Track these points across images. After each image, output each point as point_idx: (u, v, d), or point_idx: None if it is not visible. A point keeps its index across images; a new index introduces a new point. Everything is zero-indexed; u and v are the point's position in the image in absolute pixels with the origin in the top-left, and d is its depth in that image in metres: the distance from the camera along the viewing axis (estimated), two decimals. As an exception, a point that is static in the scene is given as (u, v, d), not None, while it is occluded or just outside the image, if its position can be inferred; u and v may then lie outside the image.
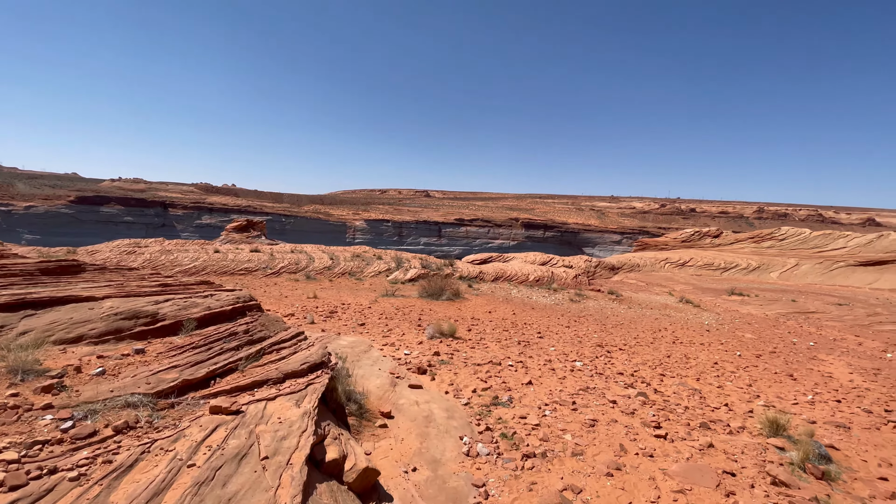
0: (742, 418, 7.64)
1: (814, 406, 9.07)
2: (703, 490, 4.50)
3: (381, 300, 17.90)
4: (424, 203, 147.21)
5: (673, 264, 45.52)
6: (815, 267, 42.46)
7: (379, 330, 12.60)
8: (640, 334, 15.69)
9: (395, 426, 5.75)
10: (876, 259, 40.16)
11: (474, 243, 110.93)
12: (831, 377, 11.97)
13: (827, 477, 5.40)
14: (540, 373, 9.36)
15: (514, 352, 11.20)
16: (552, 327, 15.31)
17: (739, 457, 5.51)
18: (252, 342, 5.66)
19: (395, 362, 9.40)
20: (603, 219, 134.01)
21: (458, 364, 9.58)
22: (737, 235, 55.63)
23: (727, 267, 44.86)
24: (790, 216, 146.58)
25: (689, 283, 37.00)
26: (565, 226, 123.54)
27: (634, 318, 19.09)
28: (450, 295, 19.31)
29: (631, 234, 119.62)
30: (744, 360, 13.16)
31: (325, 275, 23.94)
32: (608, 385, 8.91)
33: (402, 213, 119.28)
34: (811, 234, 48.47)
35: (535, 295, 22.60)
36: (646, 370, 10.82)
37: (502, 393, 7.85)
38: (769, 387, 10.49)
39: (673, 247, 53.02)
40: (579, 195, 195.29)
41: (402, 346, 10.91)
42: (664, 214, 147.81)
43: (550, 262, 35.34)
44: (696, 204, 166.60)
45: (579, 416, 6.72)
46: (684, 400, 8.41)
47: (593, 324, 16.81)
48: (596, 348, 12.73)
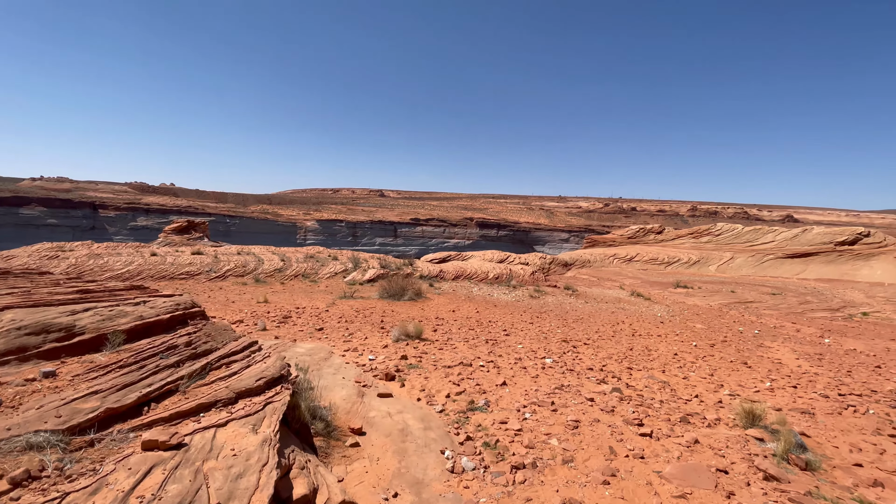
0: (715, 409, 7.69)
1: (774, 393, 9.39)
2: (703, 493, 4.27)
3: (339, 302, 16.96)
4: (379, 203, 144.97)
5: (621, 260, 47.45)
6: (749, 260, 45.82)
7: (339, 334, 11.79)
8: (600, 328, 15.88)
9: (369, 444, 5.12)
10: (801, 251, 43.97)
11: (430, 243, 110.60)
12: (781, 363, 12.60)
13: (809, 467, 5.40)
14: (512, 372, 9.02)
15: (484, 351, 10.82)
16: (517, 324, 15.13)
17: (726, 452, 5.41)
18: (196, 356, 4.82)
19: (359, 369, 8.70)
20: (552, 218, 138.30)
21: (428, 367, 9.04)
22: (677, 232, 59.00)
23: (670, 261, 47.39)
24: (720, 214, 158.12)
25: (636, 278, 38.63)
26: (517, 225, 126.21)
27: (592, 312, 19.41)
28: (412, 295, 18.68)
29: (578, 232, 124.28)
30: (700, 350, 13.60)
31: (276, 277, 22.49)
32: (581, 382, 8.72)
33: (357, 213, 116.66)
34: (743, 230, 52.29)
35: (496, 292, 22.48)
36: (613, 364, 10.81)
37: (477, 396, 7.41)
38: (729, 375, 10.81)
39: (620, 243, 55.34)
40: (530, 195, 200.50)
41: (365, 350, 10.21)
42: (608, 213, 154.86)
43: (507, 259, 35.57)
44: (637, 203, 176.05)
45: (560, 418, 6.40)
46: (657, 393, 8.37)
47: (555, 319, 16.84)
48: (562, 344, 12.64)
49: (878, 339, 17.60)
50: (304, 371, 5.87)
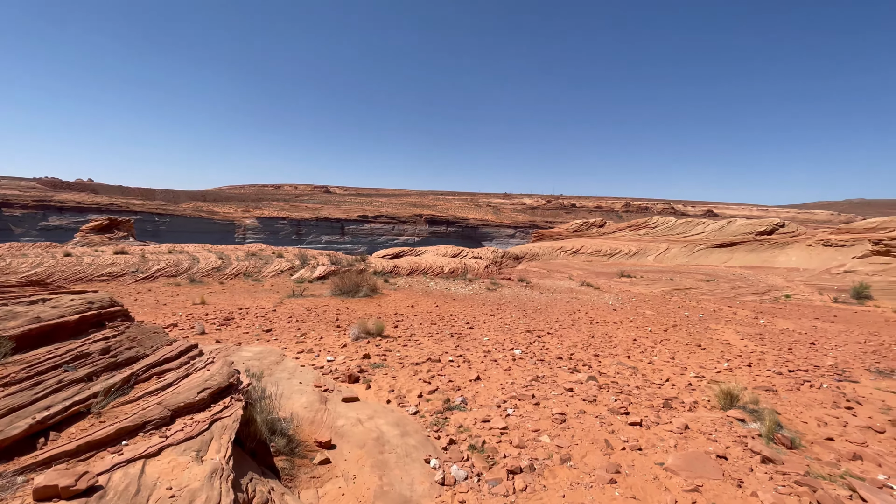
0: (688, 392, 7.66)
1: (733, 373, 9.63)
2: (713, 484, 3.99)
3: (287, 301, 15.67)
4: (324, 199, 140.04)
5: (567, 252, 48.97)
6: (682, 250, 48.99)
7: (290, 335, 10.72)
8: (559, 317, 15.89)
9: (341, 459, 4.36)
10: (727, 241, 47.64)
11: (379, 240, 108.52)
12: (729, 344, 13.15)
13: (793, 445, 5.36)
14: (484, 366, 8.54)
15: (450, 345, 10.26)
16: (478, 317, 14.73)
17: (717, 436, 5.24)
18: (116, 366, 3.82)
19: (317, 372, 7.82)
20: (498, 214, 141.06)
21: (394, 366, 8.32)
22: (617, 225, 61.97)
23: (612, 253, 49.60)
24: (650, 209, 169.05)
25: (583, 269, 39.95)
26: (466, 221, 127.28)
27: (549, 302, 19.51)
28: (367, 291, 17.73)
29: (523, 227, 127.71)
30: (656, 334, 13.92)
31: (214, 277, 20.54)
32: (555, 372, 8.42)
33: (300, 209, 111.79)
34: (677, 222, 55.88)
35: (453, 286, 22.03)
36: (580, 352, 10.68)
37: (452, 394, 6.83)
38: (688, 358, 11.03)
39: (566, 236, 57.18)
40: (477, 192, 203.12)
41: (322, 351, 9.29)
42: (550, 209, 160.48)
43: (461, 254, 35.33)
44: (576, 199, 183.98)
45: (545, 411, 5.99)
46: (630, 380, 8.25)
47: (515, 310, 16.66)
48: (527, 334, 12.39)
49: (804, 319, 19.12)
50: (258, 378, 4.97)
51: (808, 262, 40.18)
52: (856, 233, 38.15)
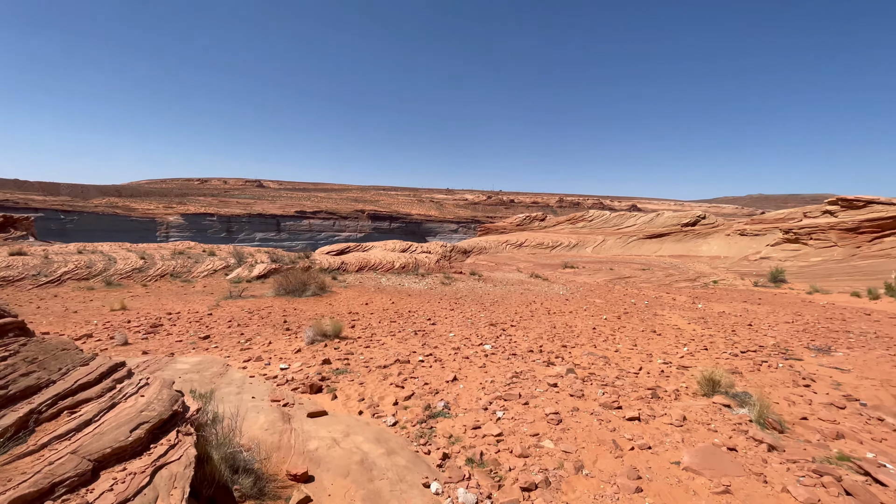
0: (664, 379, 7.61)
1: (694, 356, 9.87)
2: (739, 482, 3.72)
3: (225, 304, 14.08)
4: (258, 194, 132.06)
5: (512, 245, 49.90)
6: (617, 241, 51.74)
7: (233, 341, 9.47)
8: (517, 309, 15.75)
9: (324, 494, 3.53)
10: (657, 233, 50.93)
11: (319, 237, 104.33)
12: (679, 329, 13.66)
13: (782, 429, 5.33)
14: (458, 364, 7.97)
15: (416, 344, 9.58)
16: (438, 312, 14.15)
17: (716, 425, 5.08)
18: (7, 401, 2.76)
19: (270, 383, 6.82)
20: (441, 210, 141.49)
21: (360, 370, 7.50)
22: (557, 219, 64.27)
23: (554, 245, 51.28)
24: (581, 204, 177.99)
25: (529, 261, 40.82)
26: (409, 216, 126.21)
27: (504, 294, 19.40)
28: (315, 289, 16.48)
29: (465, 222, 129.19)
30: (612, 322, 14.16)
31: (135, 279, 18.12)
32: (531, 366, 8.05)
33: (231, 205, 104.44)
34: (611, 216, 58.95)
35: (406, 282, 21.27)
36: (548, 344, 10.45)
37: (431, 398, 6.19)
38: (648, 344, 11.22)
39: (510, 230, 58.30)
40: (419, 188, 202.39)
41: (273, 358, 8.22)
42: (491, 205, 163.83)
43: (410, 249, 34.55)
44: (515, 196, 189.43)
45: (536, 411, 5.54)
46: (606, 370, 8.08)
47: (473, 304, 16.30)
48: (491, 328, 12.01)
49: (734, 302, 20.60)
50: (205, 398, 3.99)
51: (728, 250, 44.04)
52: (767, 223, 42.36)
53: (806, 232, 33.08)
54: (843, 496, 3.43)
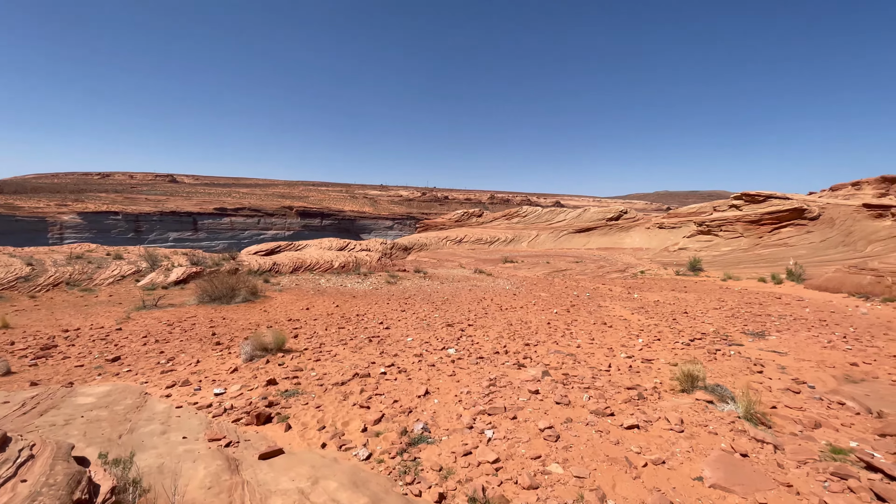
0: (638, 376, 7.46)
1: (651, 348, 9.98)
2: (773, 496, 3.42)
3: (137, 316, 12.04)
4: (170, 190, 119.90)
5: (452, 241, 49.82)
6: (550, 236, 53.70)
7: (151, 362, 7.92)
8: (470, 307, 15.30)
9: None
10: (585, 227, 53.58)
11: (242, 236, 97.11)
12: (626, 320, 14.01)
13: (768, 422, 5.26)
14: (426, 375, 7.22)
15: (374, 353, 8.66)
16: (390, 314, 13.24)
17: (714, 427, 4.86)
18: None
19: (205, 414, 5.62)
20: (376, 206, 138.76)
21: (314, 390, 6.48)
22: (493, 214, 65.39)
23: (492, 241, 52.04)
24: (511, 201, 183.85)
25: (470, 257, 40.90)
26: (342, 213, 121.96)
27: (453, 292, 18.91)
28: (245, 295, 14.76)
29: (401, 219, 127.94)
30: (563, 316, 14.19)
31: (20, 290, 15.02)
32: (502, 370, 7.53)
33: (139, 202, 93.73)
34: (543, 211, 61.11)
35: (349, 282, 19.98)
36: (510, 343, 10.04)
37: (405, 419, 5.40)
38: (604, 337, 11.25)
39: (450, 226, 58.24)
40: (352, 184, 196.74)
41: (204, 381, 6.91)
42: (425, 201, 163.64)
43: (348, 247, 32.92)
44: (448, 192, 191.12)
45: (528, 427, 4.97)
46: (577, 369, 7.79)
47: (424, 304, 15.58)
48: (448, 329, 11.38)
49: (664, 291, 21.87)
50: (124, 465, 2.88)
51: (649, 242, 47.43)
52: (682, 216, 46.19)
53: (716, 224, 36.40)
54: (876, 501, 3.23)
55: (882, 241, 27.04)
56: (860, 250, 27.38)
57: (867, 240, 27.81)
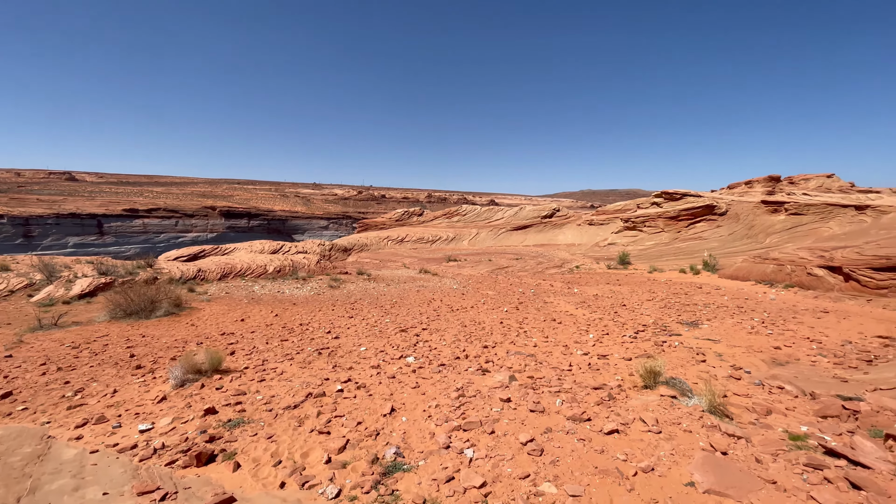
0: (599, 374, 7.53)
1: (603, 343, 10.25)
2: (766, 497, 3.42)
3: (32, 338, 10.18)
4: (68, 189, 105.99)
5: (394, 241, 48.98)
6: (489, 234, 54.71)
7: (53, 396, 6.63)
8: (421, 309, 14.91)
9: None
10: (522, 224, 55.24)
11: (158, 240, 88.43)
12: (572, 315, 14.40)
13: (729, 414, 5.46)
14: (387, 388, 6.72)
15: (325, 367, 7.97)
16: (337, 322, 12.45)
17: (687, 425, 4.92)
18: None
19: (129, 459, 4.73)
20: (309, 205, 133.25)
21: (263, 417, 5.74)
22: (434, 213, 65.35)
23: (434, 240, 51.93)
24: (448, 199, 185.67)
25: (413, 256, 40.42)
26: (272, 213, 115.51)
27: (401, 294, 18.38)
28: (168, 307, 13.15)
29: (336, 219, 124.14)
30: (514, 314, 14.28)
31: None
32: (468, 378, 7.24)
33: (28, 203, 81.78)
34: (482, 210, 62.15)
35: (287, 288, 18.66)
36: (468, 346, 9.80)
37: (373, 443, 4.90)
38: (557, 334, 11.40)
39: (390, 226, 57.22)
40: (282, 182, 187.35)
41: (126, 416, 5.89)
42: (362, 200, 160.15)
43: (282, 249, 30.97)
44: (385, 191, 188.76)
45: (509, 441, 4.71)
46: (542, 371, 7.71)
47: (372, 308, 14.91)
48: (402, 335, 10.91)
49: (600, 284, 22.97)
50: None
51: (581, 238, 49.96)
52: (609, 214, 49.18)
53: (641, 220, 39.16)
54: (853, 490, 3.34)
55: (778, 234, 30.57)
56: (761, 242, 30.76)
57: (766, 232, 31.31)
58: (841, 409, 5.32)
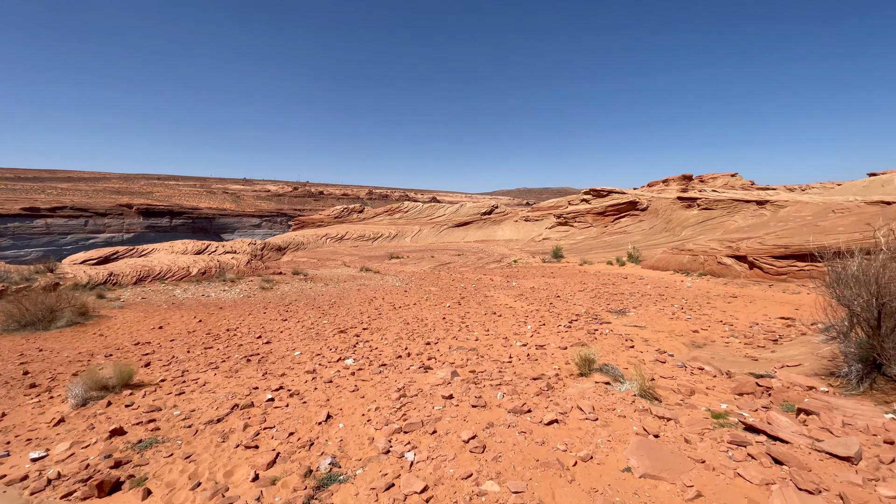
0: (537, 363, 7.67)
1: (540, 334, 10.52)
2: (696, 477, 3.56)
3: None
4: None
5: (333, 239, 47.42)
6: (431, 230, 54.75)
7: (-89, 431, 5.54)
8: (362, 308, 14.48)
9: None
10: (463, 221, 55.85)
11: (64, 241, 78.84)
12: (511, 307, 14.70)
13: (658, 396, 5.76)
14: (323, 394, 6.36)
15: (254, 375, 7.41)
16: (269, 326, 11.71)
17: (621, 410, 5.08)
18: None
19: (17, 493, 4.10)
20: (239, 202, 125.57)
21: (180, 435, 5.17)
22: (375, 210, 64.20)
23: (375, 237, 51.00)
24: (389, 196, 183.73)
25: (353, 254, 39.38)
26: (197, 211, 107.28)
27: (340, 293, 17.76)
28: (72, 316, 11.63)
29: (270, 216, 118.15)
30: (456, 310, 14.30)
31: None
32: (409, 376, 7.06)
33: None
34: (424, 207, 62.02)
35: (213, 291, 17.31)
36: (410, 344, 9.62)
37: (307, 455, 4.58)
38: (497, 327, 11.55)
39: (329, 223, 55.33)
40: (209, 177, 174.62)
41: (14, 443, 5.07)
42: (298, 197, 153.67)
43: (208, 249, 28.77)
44: (324, 187, 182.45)
45: (451, 440, 4.58)
46: (482, 364, 7.71)
47: (310, 309, 14.23)
48: (341, 336, 10.48)
49: (536, 277, 23.76)
50: None
51: (518, 234, 51.50)
52: (543, 210, 51.13)
53: (572, 216, 41.11)
54: (776, 465, 3.60)
55: (692, 227, 33.42)
56: (678, 234, 33.48)
57: (682, 226, 34.12)
58: (755, 387, 5.81)
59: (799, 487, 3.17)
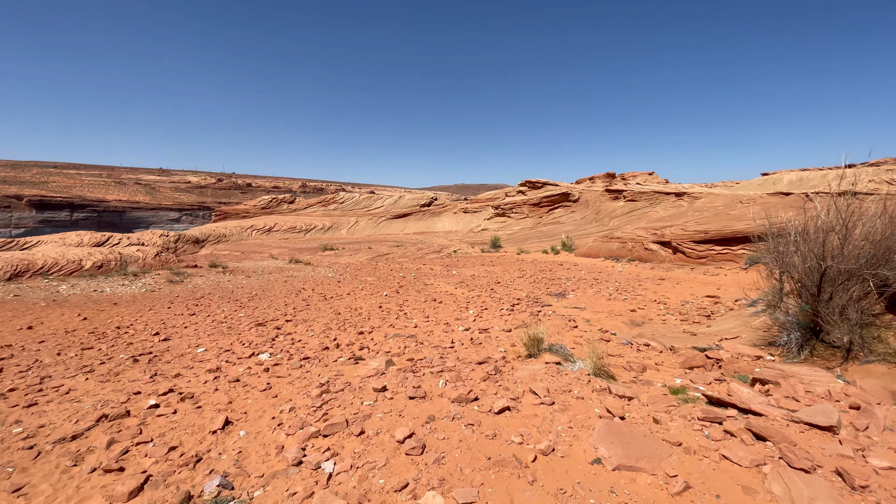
0: (482, 347, 7.00)
1: (483, 317, 9.94)
2: (677, 464, 3.00)
3: None
4: None
5: (260, 231, 44.08)
6: (369, 222, 52.94)
7: None
8: (287, 300, 13.04)
9: None
10: (402, 213, 54.64)
11: (-77, 236, 66.21)
12: (452, 294, 14.07)
13: (612, 374, 5.31)
14: (225, 396, 5.17)
15: (140, 377, 5.97)
16: (171, 321, 9.99)
17: (578, 391, 4.50)
18: None
19: None
20: (154, 194, 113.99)
21: (14, 461, 3.80)
22: (308, 201, 60.85)
23: (308, 229, 48.22)
24: (325, 189, 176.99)
25: (283, 247, 36.74)
26: (104, 204, 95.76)
27: (264, 286, 16.03)
28: None
29: (191, 209, 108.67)
30: (393, 297, 13.38)
31: None
32: (336, 369, 6.05)
33: None
34: (361, 198, 59.85)
35: (108, 286, 14.82)
36: (341, 334, 8.57)
37: (193, 476, 3.47)
38: (437, 313, 10.81)
39: (255, 214, 51.45)
40: (118, 166, 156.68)
41: None
42: (223, 189, 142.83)
43: (110, 241, 25.13)
44: (252, 179, 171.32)
45: (384, 441, 3.70)
46: (422, 351, 6.90)
47: (224, 303, 12.53)
48: (259, 329, 9.14)
49: (476, 266, 23.43)
50: None
51: (457, 225, 51.35)
52: (482, 202, 51.39)
53: (508, 207, 41.58)
54: (759, 442, 3.16)
55: (619, 217, 35.03)
56: (607, 224, 34.96)
57: (610, 216, 35.67)
58: (705, 360, 5.55)
59: (792, 466, 2.70)
